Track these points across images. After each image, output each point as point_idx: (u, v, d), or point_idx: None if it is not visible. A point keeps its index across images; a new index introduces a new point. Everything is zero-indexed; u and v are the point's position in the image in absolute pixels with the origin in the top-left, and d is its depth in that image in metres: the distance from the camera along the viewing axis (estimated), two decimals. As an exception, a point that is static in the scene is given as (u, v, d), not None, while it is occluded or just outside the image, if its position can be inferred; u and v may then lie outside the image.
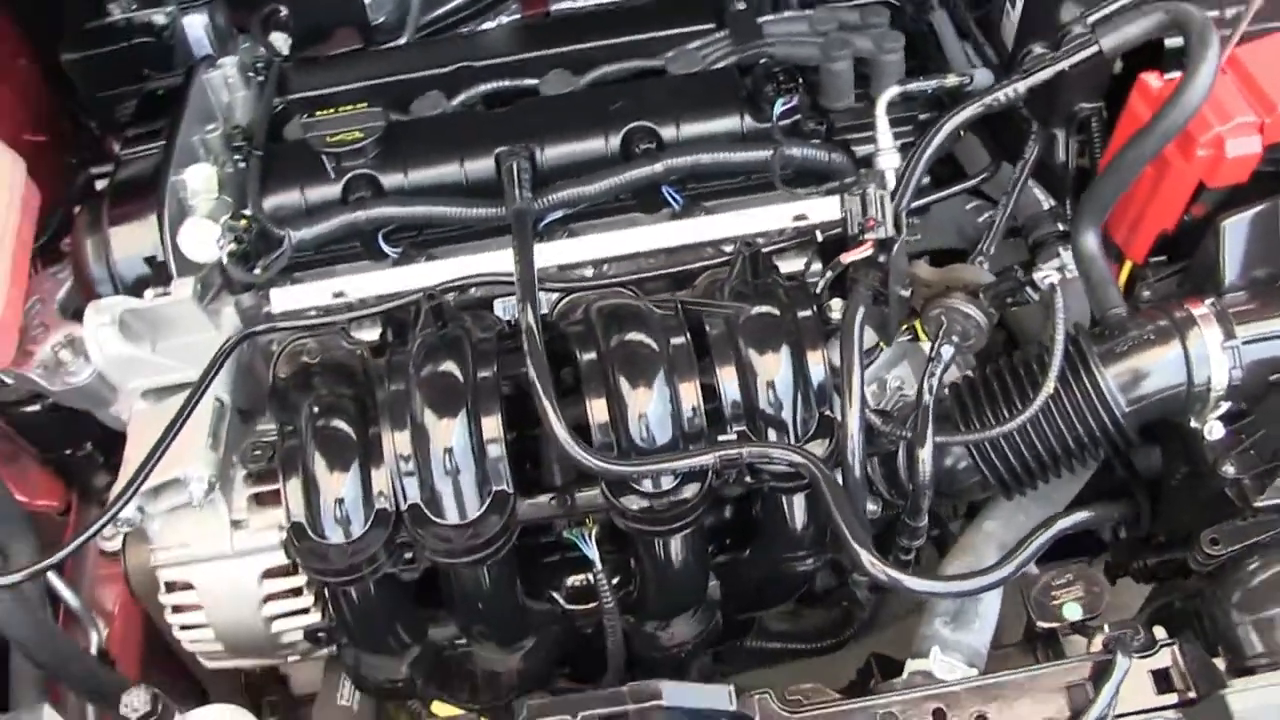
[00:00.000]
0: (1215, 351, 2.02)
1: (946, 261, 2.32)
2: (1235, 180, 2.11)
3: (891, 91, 2.27)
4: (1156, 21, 2.07)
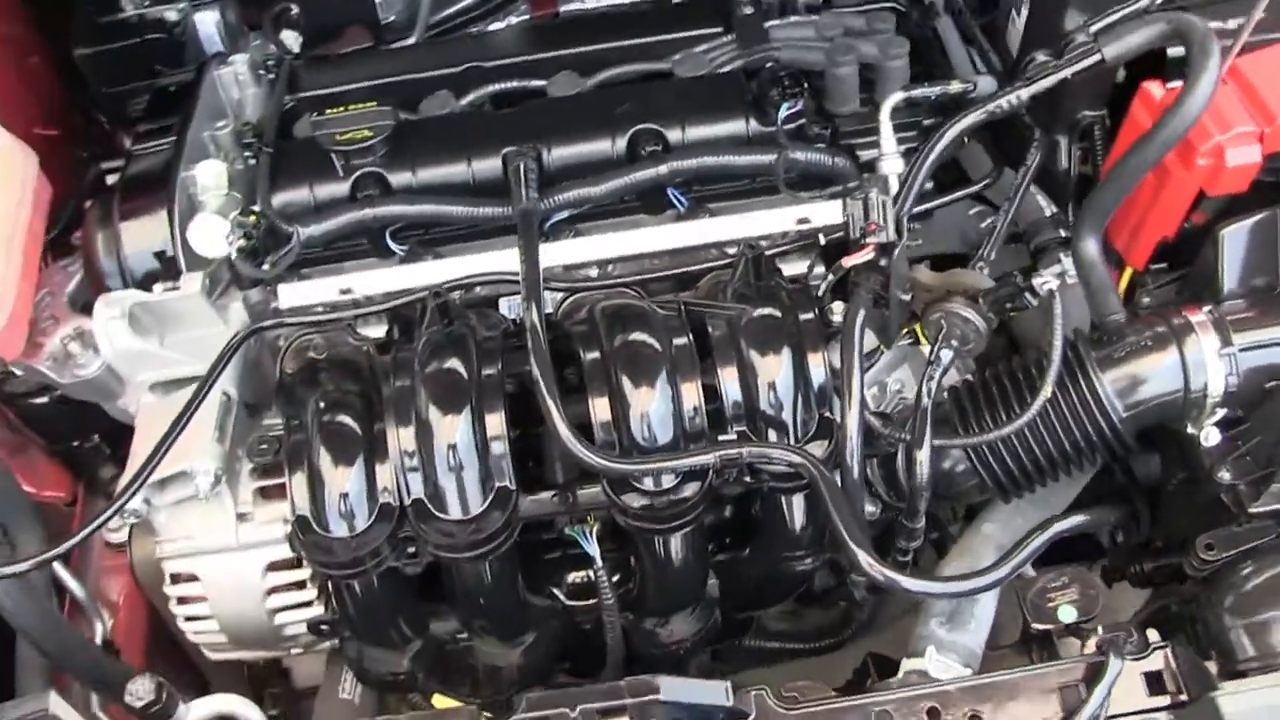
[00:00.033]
0: (1212, 358, 2.04)
1: (948, 266, 2.34)
2: (1235, 189, 2.12)
3: (896, 97, 2.26)
4: (1158, 31, 2.08)
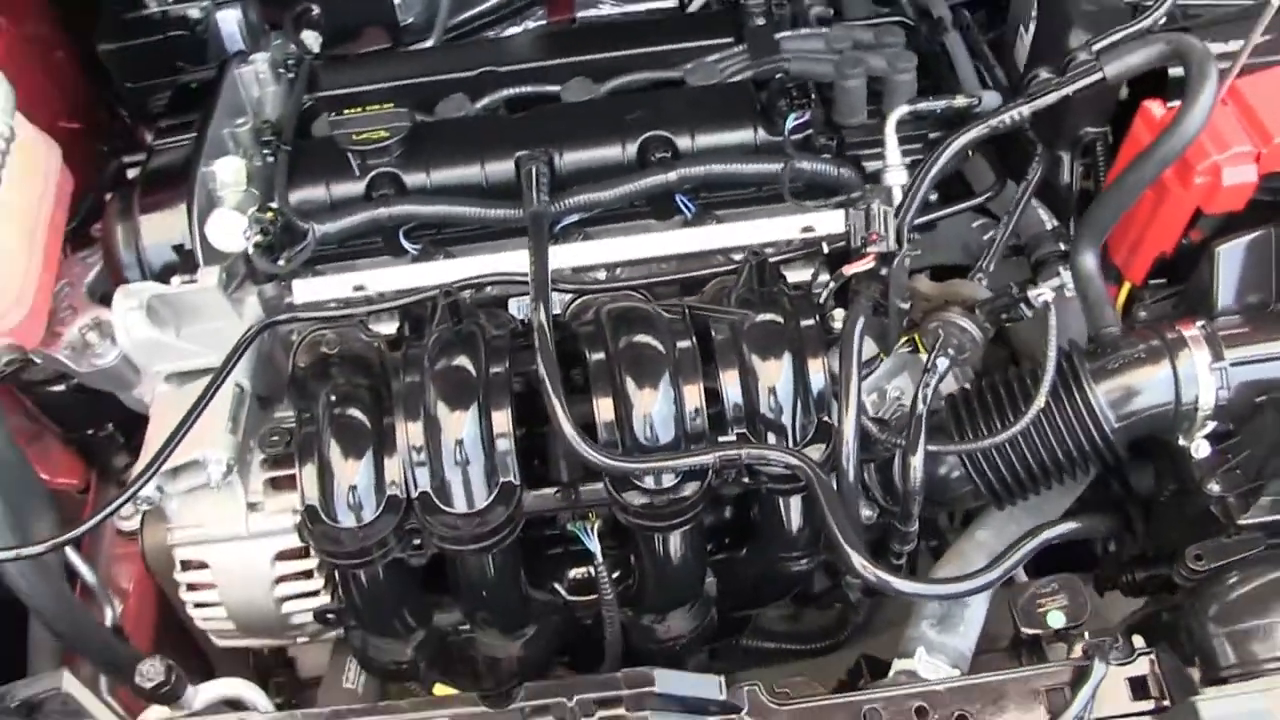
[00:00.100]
0: (1203, 372, 2.05)
1: (950, 277, 2.35)
2: (1231, 207, 2.14)
3: (901, 110, 2.29)
4: (1159, 51, 2.10)
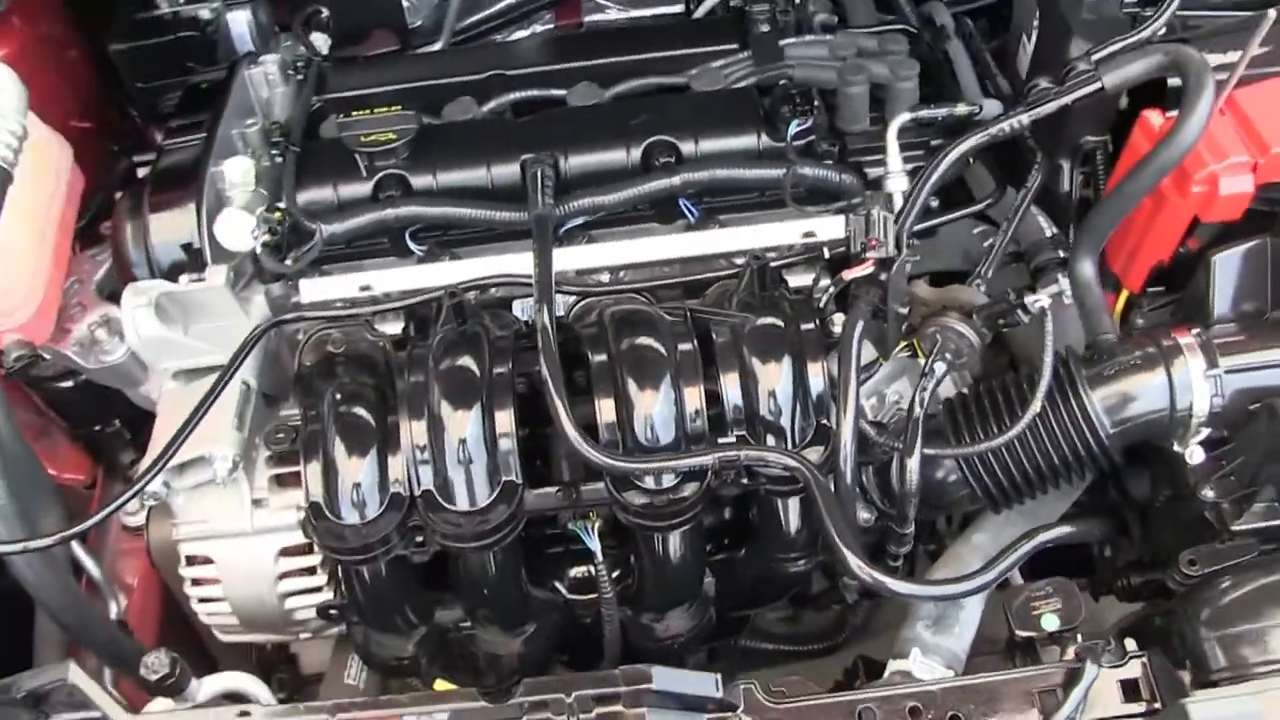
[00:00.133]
0: (1198, 379, 2.07)
1: (950, 283, 2.37)
2: (1228, 217, 2.16)
3: (903, 117, 2.30)
4: (1157, 62, 2.12)
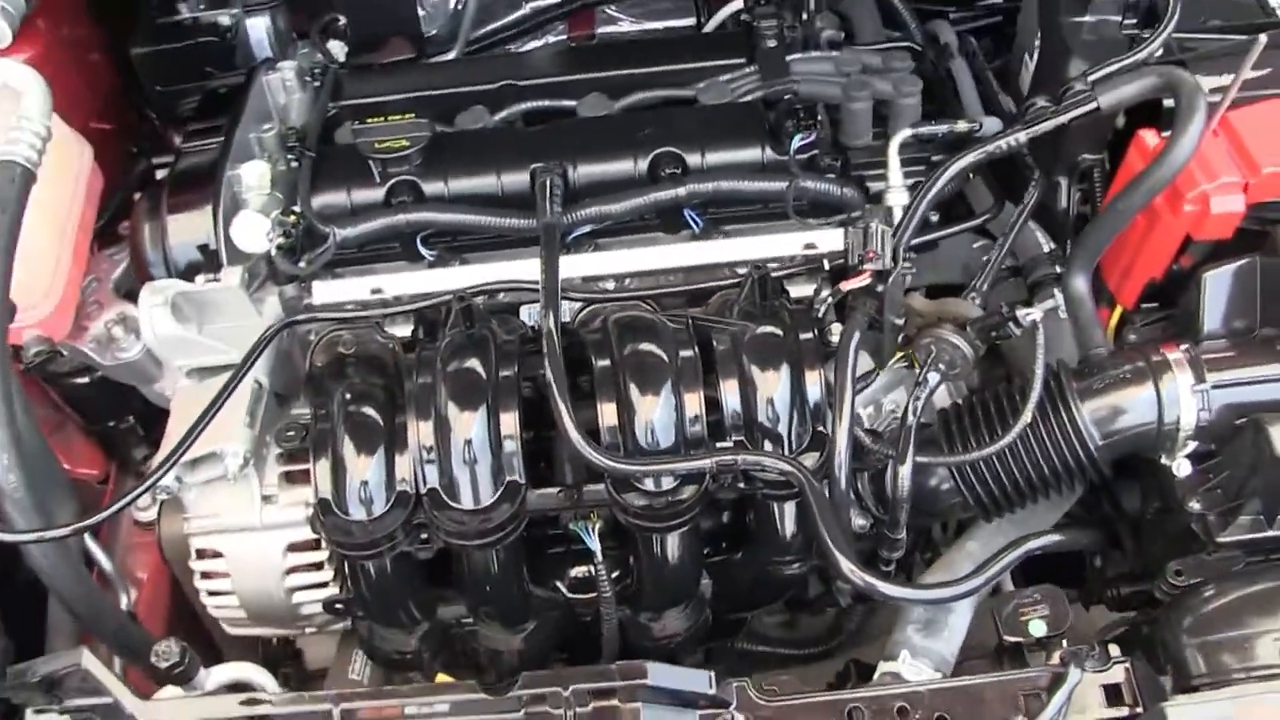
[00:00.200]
0: (1186, 394, 2.10)
1: (947, 296, 2.39)
2: (1220, 235, 2.20)
3: (904, 133, 2.35)
4: (1151, 84, 2.17)
